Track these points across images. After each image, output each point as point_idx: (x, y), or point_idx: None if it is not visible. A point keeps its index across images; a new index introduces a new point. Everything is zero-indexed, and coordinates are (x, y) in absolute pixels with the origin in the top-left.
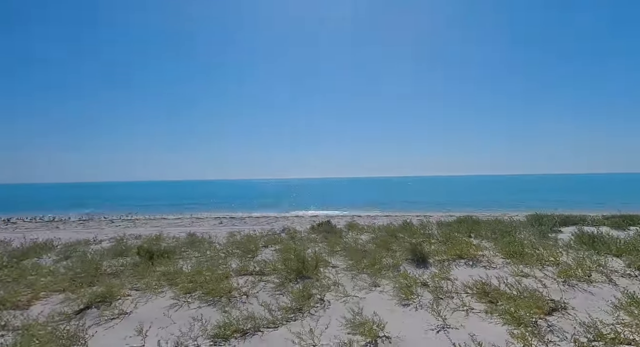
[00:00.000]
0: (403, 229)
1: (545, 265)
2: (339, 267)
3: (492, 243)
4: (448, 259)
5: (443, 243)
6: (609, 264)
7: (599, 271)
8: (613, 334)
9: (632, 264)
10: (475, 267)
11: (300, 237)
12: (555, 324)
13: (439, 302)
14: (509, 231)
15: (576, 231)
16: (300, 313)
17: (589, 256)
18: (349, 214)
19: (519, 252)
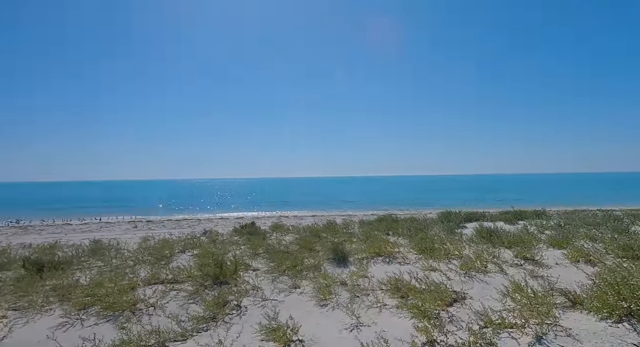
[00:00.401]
0: (327, 228)
1: (451, 259)
2: (260, 270)
3: (408, 240)
4: (367, 257)
5: (363, 242)
6: (502, 256)
7: (493, 262)
8: (500, 320)
9: (519, 254)
10: (391, 263)
11: (222, 240)
12: (455, 315)
13: (355, 300)
14: (422, 228)
15: (477, 226)
16: (213, 322)
17: (486, 248)
18: (277, 215)
19: (429, 248)
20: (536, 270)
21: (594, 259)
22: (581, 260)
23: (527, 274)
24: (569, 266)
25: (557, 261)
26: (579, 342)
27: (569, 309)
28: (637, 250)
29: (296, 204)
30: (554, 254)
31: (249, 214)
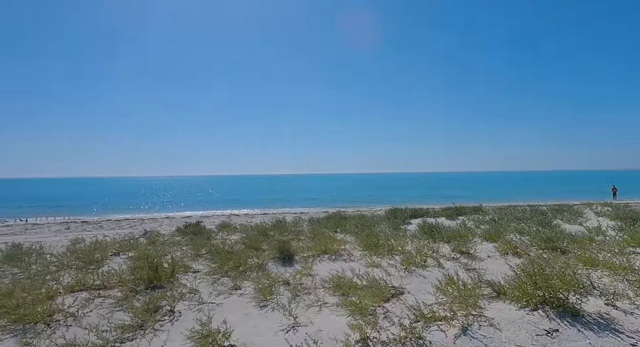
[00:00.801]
0: (276, 227)
1: (394, 254)
2: (201, 272)
3: (355, 237)
4: (313, 255)
5: (311, 240)
6: (441, 250)
7: (432, 256)
8: (431, 313)
9: (455, 248)
10: (336, 261)
11: (163, 241)
12: (390, 310)
13: (296, 300)
14: (369, 225)
15: (421, 222)
16: (141, 330)
17: (427, 244)
18: (227, 213)
19: (374, 245)
20: (470, 263)
21: (520, 251)
22: (509, 252)
23: (461, 267)
24: (498, 258)
25: (489, 254)
26: (499, 331)
27: (494, 299)
28: (556, 242)
29: (251, 202)
30: (487, 247)
31: (198, 213)
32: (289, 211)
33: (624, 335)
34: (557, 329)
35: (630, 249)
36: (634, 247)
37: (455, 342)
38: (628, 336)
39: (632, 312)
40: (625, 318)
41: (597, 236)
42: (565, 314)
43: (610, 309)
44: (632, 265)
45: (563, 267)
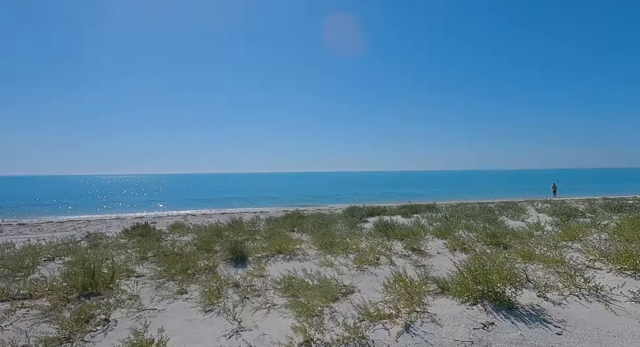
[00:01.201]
0: (231, 227)
1: (349, 253)
2: (145, 277)
3: (311, 236)
4: (268, 255)
5: (267, 239)
6: (394, 247)
7: (385, 254)
8: (376, 312)
9: (408, 245)
10: (291, 261)
11: (107, 243)
12: (338, 310)
13: (244, 302)
14: (326, 223)
15: (377, 220)
16: (68, 343)
17: (381, 241)
18: (183, 213)
19: (330, 243)
20: (420, 260)
21: (467, 247)
22: (458, 248)
23: (411, 264)
24: (447, 255)
25: (439, 250)
26: (440, 326)
27: (439, 295)
28: (499, 238)
29: (211, 201)
30: (438, 244)
31: (152, 214)
32: (249, 210)
33: (551, 325)
34: (492, 322)
35: (563, 243)
36: (566, 241)
37: (398, 340)
38: (555, 325)
39: (560, 303)
40: (553, 309)
41: (536, 231)
42: (501, 307)
43: (542, 300)
44: (563, 258)
45: (502, 262)
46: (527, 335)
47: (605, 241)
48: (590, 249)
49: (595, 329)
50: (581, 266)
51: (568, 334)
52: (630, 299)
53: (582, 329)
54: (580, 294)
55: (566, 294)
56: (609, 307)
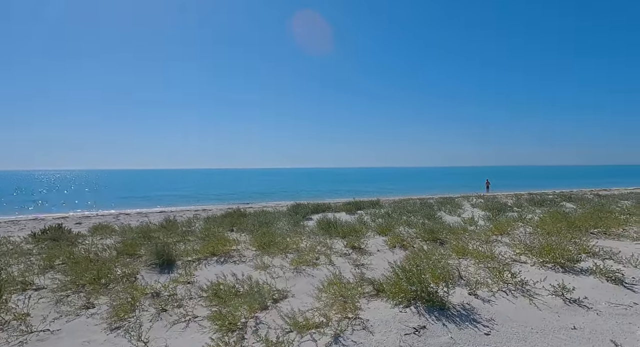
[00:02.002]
0: (164, 227)
1: (288, 253)
2: (46, 289)
3: (250, 235)
4: (200, 259)
5: (202, 240)
6: (335, 246)
7: (325, 253)
8: (305, 321)
9: (348, 243)
10: (225, 263)
11: (6, 250)
12: (264, 321)
13: (161, 316)
14: (268, 222)
15: (320, 217)
16: None
17: (322, 240)
18: (116, 213)
19: (269, 243)
20: (359, 258)
21: (406, 244)
22: (397, 245)
23: (351, 264)
24: (387, 252)
25: (379, 248)
26: (371, 333)
27: (374, 297)
28: (436, 233)
29: (152, 199)
30: (378, 241)
31: (79, 213)
32: (191, 208)
33: (480, 325)
34: (424, 325)
35: (493, 237)
36: (496, 236)
37: None
38: (484, 325)
39: (489, 300)
40: (483, 307)
41: (470, 226)
42: (433, 308)
43: (472, 298)
44: (493, 253)
45: (438, 259)
46: (457, 338)
47: (530, 235)
48: (516, 243)
49: (520, 326)
50: (509, 261)
51: (496, 333)
52: (550, 293)
53: (508, 327)
54: (507, 290)
55: (495, 291)
56: (532, 301)
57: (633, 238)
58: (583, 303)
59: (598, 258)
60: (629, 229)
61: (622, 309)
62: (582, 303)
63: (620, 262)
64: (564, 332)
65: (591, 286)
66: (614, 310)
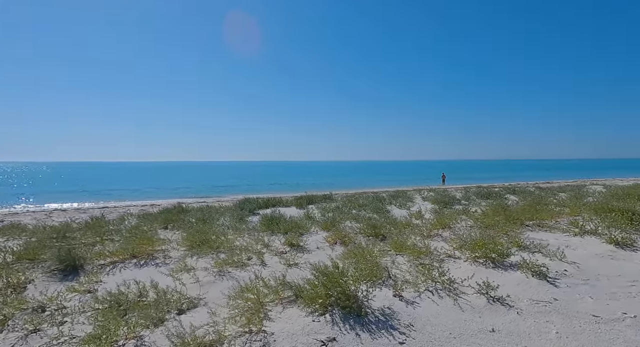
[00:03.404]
0: (87, 226)
1: (219, 253)
2: None
3: (185, 234)
4: (116, 262)
5: (126, 240)
6: (273, 244)
7: (261, 252)
8: (193, 342)
9: (287, 241)
10: (145, 266)
11: None
12: (148, 341)
13: (31, 337)
14: (208, 218)
15: (269, 212)
16: None
17: (262, 237)
18: (52, 208)
19: (202, 242)
20: (295, 257)
21: (346, 240)
22: (338, 241)
23: (284, 263)
24: (326, 249)
25: (318, 245)
26: None
27: (292, 304)
28: (379, 228)
29: (103, 193)
30: (319, 237)
31: (4, 210)
32: (138, 203)
33: (397, 332)
34: (334, 337)
35: (435, 231)
36: (438, 230)
37: None
38: (401, 332)
39: (414, 302)
40: (405, 310)
41: (415, 220)
42: (350, 315)
43: (396, 300)
44: (429, 248)
45: (373, 256)
46: None
47: (471, 228)
48: (454, 238)
49: (439, 331)
50: (443, 257)
51: (411, 341)
52: (476, 291)
53: (427, 333)
54: (434, 289)
55: (422, 291)
56: (457, 302)
57: (563, 230)
58: (506, 301)
59: (528, 251)
60: (560, 221)
61: (541, 306)
62: (505, 301)
63: (547, 255)
64: (482, 335)
65: (517, 281)
66: (534, 308)
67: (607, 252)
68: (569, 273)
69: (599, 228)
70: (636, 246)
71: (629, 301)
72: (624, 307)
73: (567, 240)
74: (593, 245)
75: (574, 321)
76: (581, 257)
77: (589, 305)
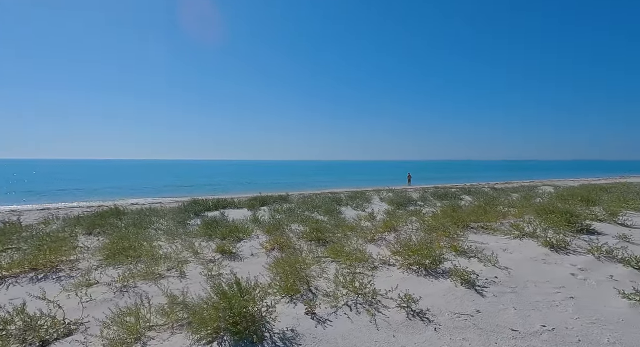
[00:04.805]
0: None
1: (139, 262)
2: None
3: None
4: (6, 276)
5: (37, 249)
6: (205, 250)
7: (188, 260)
8: None
9: (219, 247)
10: (43, 281)
11: None
12: None
13: None
14: (145, 222)
15: (218, 215)
16: None
17: (195, 244)
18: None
19: (123, 249)
20: (222, 266)
21: (285, 246)
22: (276, 247)
23: (206, 275)
24: (261, 256)
25: (253, 252)
26: None
27: (181, 328)
28: (322, 232)
29: (52, 194)
30: (256, 244)
31: None
32: (84, 204)
33: None
34: None
35: (379, 235)
36: (383, 233)
37: None
38: None
39: (326, 320)
40: (312, 331)
41: (366, 222)
42: (243, 342)
43: (306, 318)
44: (365, 254)
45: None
46: None
47: (416, 231)
48: (393, 243)
49: None
50: (378, 263)
51: None
52: (398, 305)
53: None
54: (354, 303)
55: (340, 305)
56: (374, 318)
57: (505, 232)
58: (426, 316)
59: (465, 256)
60: (505, 223)
61: (462, 321)
62: (425, 316)
63: (482, 260)
64: None
65: (444, 291)
66: (454, 322)
67: (541, 255)
68: (499, 280)
69: (538, 230)
70: (569, 249)
71: (550, 311)
72: (545, 318)
73: (506, 243)
74: (529, 248)
75: (492, 337)
76: (515, 262)
77: (510, 317)
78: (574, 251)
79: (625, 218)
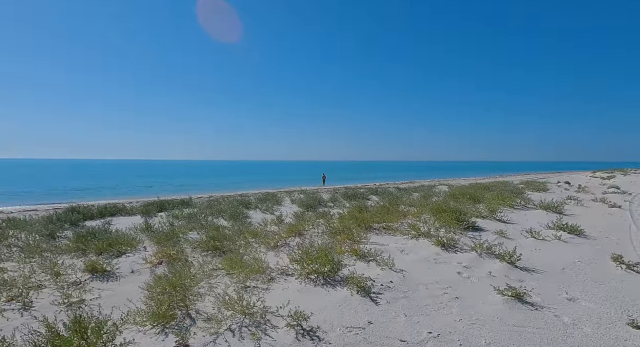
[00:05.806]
0: None
1: None
2: None
3: None
4: None
5: None
6: (71, 270)
7: (59, 273)
8: None
9: (90, 265)
10: None
11: None
12: None
13: None
14: None
15: (100, 224)
16: None
17: (56, 261)
18: None
19: None
20: (90, 289)
21: (175, 259)
22: (164, 261)
23: (58, 303)
24: (144, 273)
25: (135, 268)
26: None
27: None
28: (219, 241)
29: None
30: (136, 258)
31: None
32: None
33: None
34: None
35: (283, 240)
36: (286, 238)
37: None
38: None
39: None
40: None
41: (272, 227)
42: None
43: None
44: (262, 265)
45: (192, 280)
46: None
47: (321, 235)
48: (296, 249)
49: None
50: (277, 273)
51: None
52: (287, 324)
53: None
54: (239, 326)
55: (222, 331)
56: (259, 343)
57: (403, 232)
58: (317, 334)
59: (364, 260)
60: (405, 223)
61: (353, 336)
62: (315, 334)
63: (380, 263)
64: None
65: (340, 301)
66: (345, 338)
67: (433, 255)
68: (393, 285)
69: (432, 230)
70: (457, 247)
71: (437, 314)
72: (432, 323)
73: (404, 243)
74: (424, 248)
75: None
76: (410, 264)
77: (400, 326)
78: (461, 248)
79: (502, 214)
